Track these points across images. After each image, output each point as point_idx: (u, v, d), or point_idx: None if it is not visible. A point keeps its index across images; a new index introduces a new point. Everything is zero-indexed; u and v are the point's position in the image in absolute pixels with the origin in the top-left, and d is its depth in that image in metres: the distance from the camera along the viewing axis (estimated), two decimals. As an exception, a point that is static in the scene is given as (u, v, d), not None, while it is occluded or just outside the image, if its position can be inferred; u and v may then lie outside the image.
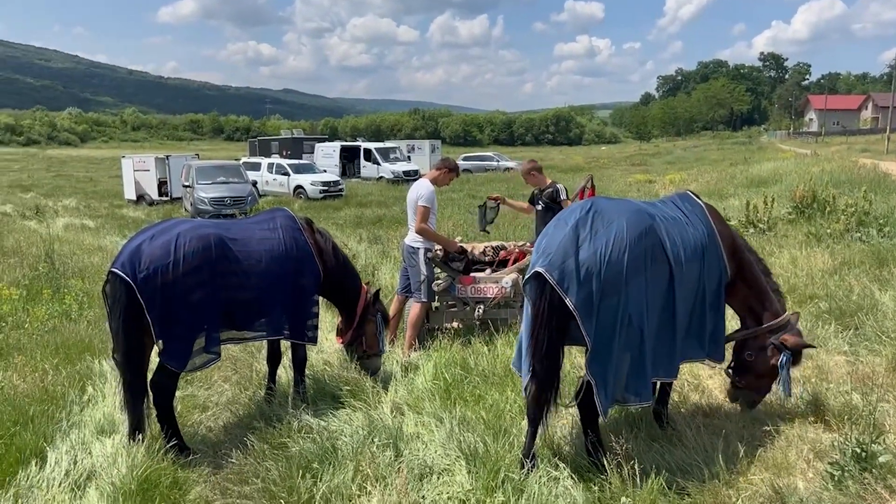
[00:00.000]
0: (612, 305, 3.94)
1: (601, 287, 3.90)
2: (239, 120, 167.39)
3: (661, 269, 4.17)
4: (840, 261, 9.79)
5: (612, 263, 3.92)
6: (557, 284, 3.89)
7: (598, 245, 3.96)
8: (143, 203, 27.27)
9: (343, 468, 4.16)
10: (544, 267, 3.95)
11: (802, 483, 4.02)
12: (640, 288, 4.02)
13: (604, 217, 4.11)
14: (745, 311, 4.94)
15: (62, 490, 4.14)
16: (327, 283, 5.61)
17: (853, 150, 50.98)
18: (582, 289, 3.88)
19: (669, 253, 4.21)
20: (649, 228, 4.16)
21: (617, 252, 3.94)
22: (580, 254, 3.94)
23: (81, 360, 6.45)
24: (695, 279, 4.39)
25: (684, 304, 4.35)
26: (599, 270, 3.90)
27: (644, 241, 4.08)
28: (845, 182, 18.97)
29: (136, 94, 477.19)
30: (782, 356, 4.75)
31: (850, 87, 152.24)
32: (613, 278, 3.91)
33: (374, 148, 39.48)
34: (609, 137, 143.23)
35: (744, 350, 4.93)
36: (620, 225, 4.05)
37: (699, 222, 4.57)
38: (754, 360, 4.85)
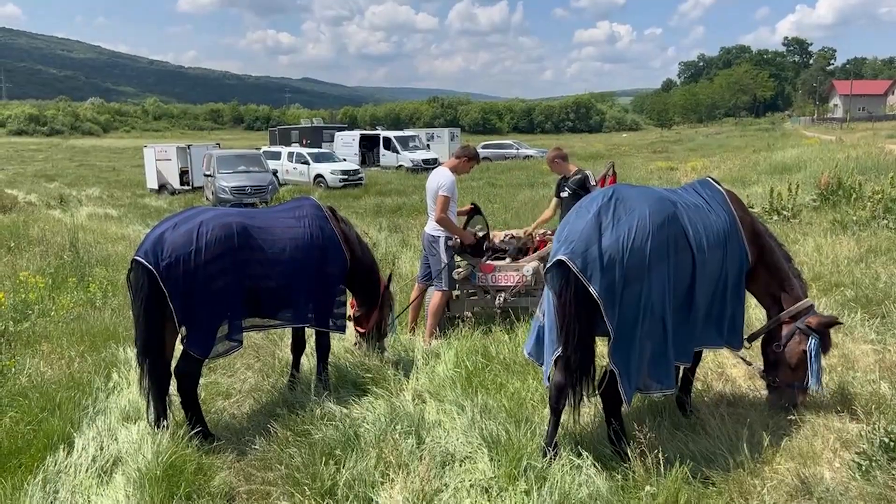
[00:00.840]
0: (636, 293, 3.90)
1: (624, 274, 3.86)
2: (259, 109, 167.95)
3: (684, 256, 4.12)
4: (866, 248, 9.64)
5: (635, 251, 3.88)
6: (581, 272, 3.86)
7: (621, 232, 3.92)
8: (164, 192, 27.49)
9: (366, 455, 4.18)
10: (567, 255, 3.92)
11: (829, 473, 3.98)
12: (662, 275, 3.98)
13: (626, 204, 4.07)
14: (769, 299, 4.86)
15: (89, 475, 4.20)
16: (352, 272, 5.63)
17: (879, 136, 50.05)
18: (605, 277, 3.85)
19: (692, 240, 4.17)
20: (672, 216, 4.12)
21: (640, 239, 3.91)
22: (603, 241, 3.90)
23: (106, 348, 6.53)
24: (717, 266, 4.35)
25: (705, 291, 4.31)
26: (622, 258, 3.86)
27: (667, 228, 4.04)
28: (871, 168, 18.65)
29: (156, 83, 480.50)
30: (810, 341, 4.63)
31: (877, 73, 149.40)
32: (636, 266, 3.88)
33: (394, 136, 39.45)
34: (630, 124, 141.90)
35: (771, 342, 4.82)
36: (643, 212, 4.01)
37: (720, 209, 4.53)
38: (783, 350, 4.73)
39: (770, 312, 4.91)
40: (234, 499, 4.12)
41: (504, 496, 3.83)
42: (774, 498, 3.75)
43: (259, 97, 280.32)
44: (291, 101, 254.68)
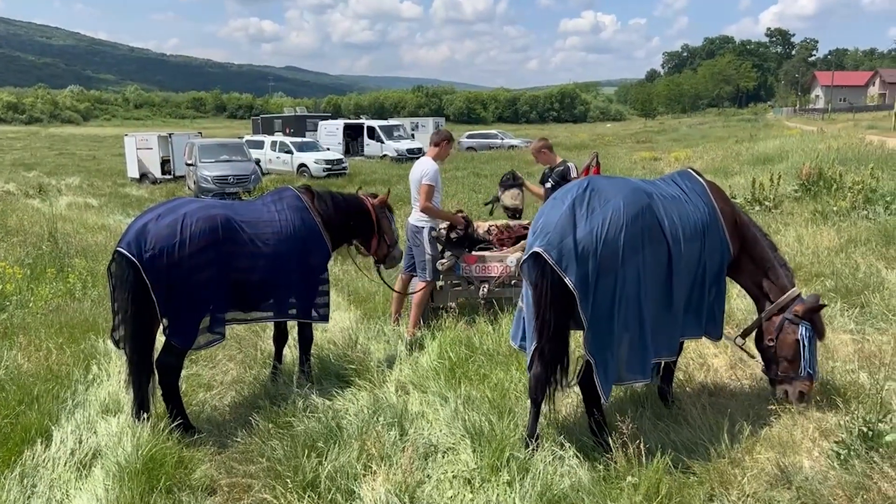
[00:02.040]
0: (609, 284, 3.91)
1: (598, 266, 3.87)
2: (242, 98, 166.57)
3: (659, 247, 4.13)
4: (846, 238, 9.73)
5: (609, 242, 3.89)
6: (556, 264, 3.87)
7: (595, 224, 3.92)
8: (146, 181, 27.24)
9: (348, 447, 4.17)
10: (542, 246, 3.93)
11: (808, 462, 4.01)
12: (637, 267, 3.98)
13: (601, 195, 4.06)
14: (757, 290, 4.84)
15: (67, 469, 4.16)
16: (340, 239, 5.72)
17: (860, 127, 50.55)
18: (580, 268, 3.86)
19: (667, 231, 4.16)
20: (647, 207, 4.12)
21: (613, 231, 3.91)
22: (577, 232, 3.91)
23: (86, 340, 6.46)
24: (695, 258, 4.34)
25: (683, 283, 4.31)
26: (596, 249, 3.87)
27: (641, 219, 4.03)
28: (852, 159, 18.80)
29: (137, 71, 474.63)
30: (801, 329, 4.58)
31: (858, 64, 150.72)
32: (610, 257, 3.89)
33: (378, 126, 39.24)
34: (614, 115, 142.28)
35: (763, 336, 4.78)
36: (617, 204, 4.00)
37: (700, 200, 4.51)
38: (777, 343, 4.66)
39: (759, 304, 4.89)
40: (215, 492, 4.09)
41: (487, 487, 3.84)
42: (754, 487, 3.78)
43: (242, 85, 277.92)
44: (275, 89, 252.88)
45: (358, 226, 5.88)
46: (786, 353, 4.64)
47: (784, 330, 4.65)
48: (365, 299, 7.97)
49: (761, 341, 4.80)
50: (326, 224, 5.47)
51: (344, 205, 5.75)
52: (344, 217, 5.70)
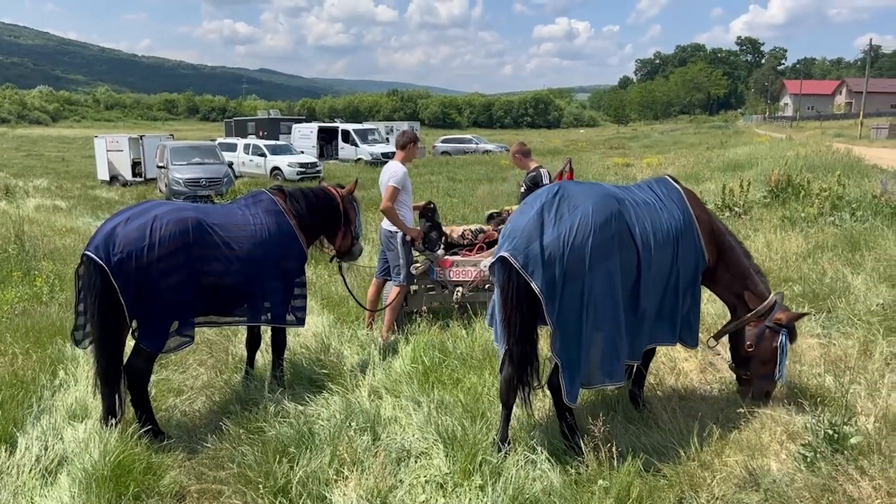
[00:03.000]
0: (576, 290, 3.93)
1: (564, 271, 3.90)
2: (214, 100, 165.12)
3: (629, 253, 4.15)
4: (814, 244, 9.90)
5: (576, 248, 3.91)
6: (522, 268, 3.90)
7: (563, 229, 3.95)
8: (116, 184, 26.88)
9: (320, 453, 4.13)
10: (509, 251, 3.96)
11: (775, 464, 4.07)
12: (606, 272, 4.00)
13: (570, 201, 4.09)
14: (733, 298, 4.90)
15: (32, 476, 4.07)
16: (314, 237, 5.72)
17: (827, 135, 51.55)
18: (546, 272, 3.88)
19: (637, 238, 4.19)
20: (616, 213, 4.14)
21: (581, 237, 3.93)
22: (544, 238, 3.93)
23: (52, 344, 6.34)
24: (667, 264, 4.36)
25: (654, 289, 4.33)
26: (563, 255, 3.89)
27: (610, 226, 4.05)
28: (819, 166, 19.16)
29: (108, 72, 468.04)
30: (781, 336, 4.72)
31: (825, 73, 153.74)
32: (577, 263, 3.91)
33: (353, 129, 39.12)
34: (587, 121, 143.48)
35: (741, 342, 4.86)
36: (586, 210, 4.03)
37: (675, 207, 4.54)
38: (755, 348, 4.78)
39: (735, 312, 4.94)
40: (184, 498, 4.03)
41: (459, 492, 3.83)
42: (723, 490, 3.82)
43: (215, 88, 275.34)
44: (248, 91, 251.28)
45: (328, 219, 5.85)
46: (763, 358, 4.75)
47: (764, 337, 4.75)
48: (338, 303, 7.93)
49: (739, 346, 4.87)
50: (301, 225, 5.44)
51: (315, 201, 5.72)
52: (317, 214, 5.68)
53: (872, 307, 6.92)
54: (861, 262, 8.70)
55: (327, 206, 5.82)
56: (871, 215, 11.48)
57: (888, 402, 4.71)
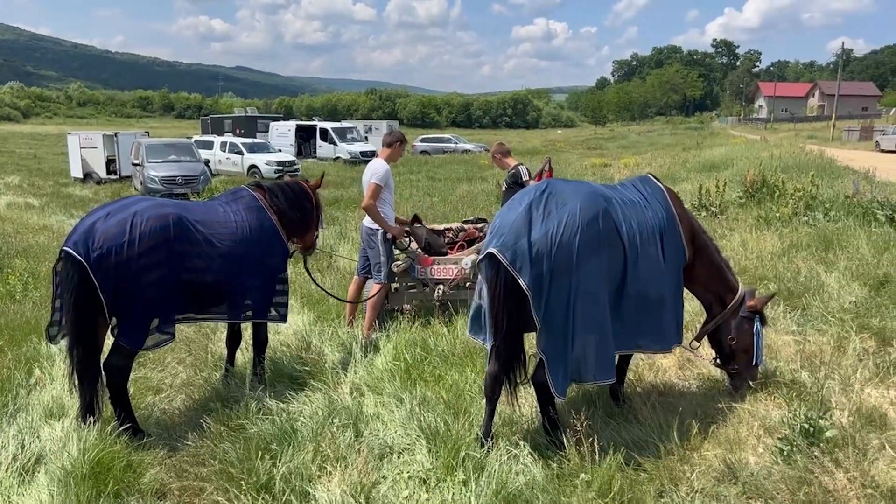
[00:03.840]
0: (563, 286, 3.96)
1: (551, 268, 3.93)
2: (190, 97, 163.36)
3: (616, 251, 4.20)
4: (788, 243, 10.06)
5: (563, 245, 3.94)
6: (510, 265, 3.92)
7: (550, 226, 3.98)
8: (90, 181, 26.50)
9: (303, 449, 4.12)
10: (497, 248, 3.98)
11: (753, 458, 4.14)
12: (593, 269, 4.03)
13: (558, 199, 4.12)
14: (710, 295, 5.01)
15: (9, 475, 4.01)
16: (294, 230, 5.67)
17: (800, 137, 52.33)
18: (533, 269, 3.91)
19: (624, 236, 4.23)
20: (604, 211, 4.18)
21: (568, 234, 3.97)
22: (532, 234, 3.97)
23: (27, 342, 6.25)
24: (652, 262, 4.40)
25: (640, 286, 4.36)
26: (550, 251, 3.93)
27: (597, 223, 4.09)
28: (793, 167, 19.48)
29: (81, 68, 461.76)
30: (756, 322, 4.94)
31: (799, 75, 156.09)
32: (564, 259, 3.94)
33: (331, 128, 38.95)
34: (565, 121, 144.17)
35: (723, 337, 5.00)
36: (574, 207, 4.06)
37: (659, 206, 4.60)
38: (738, 340, 4.95)
39: (711, 309, 5.06)
40: (165, 496, 4.00)
41: (442, 487, 3.85)
42: (703, 483, 3.88)
43: (190, 85, 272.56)
44: (224, 89, 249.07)
45: (306, 213, 5.83)
46: (745, 347, 4.95)
47: (742, 327, 4.94)
48: (318, 301, 7.90)
49: (723, 342, 5.01)
50: (282, 220, 5.43)
51: (292, 195, 5.70)
52: (296, 209, 5.67)
53: (845, 304, 7.06)
54: (834, 261, 8.86)
55: (305, 200, 5.81)
56: (843, 215, 11.69)
57: (861, 397, 4.81)
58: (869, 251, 9.05)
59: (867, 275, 8.09)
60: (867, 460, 3.91)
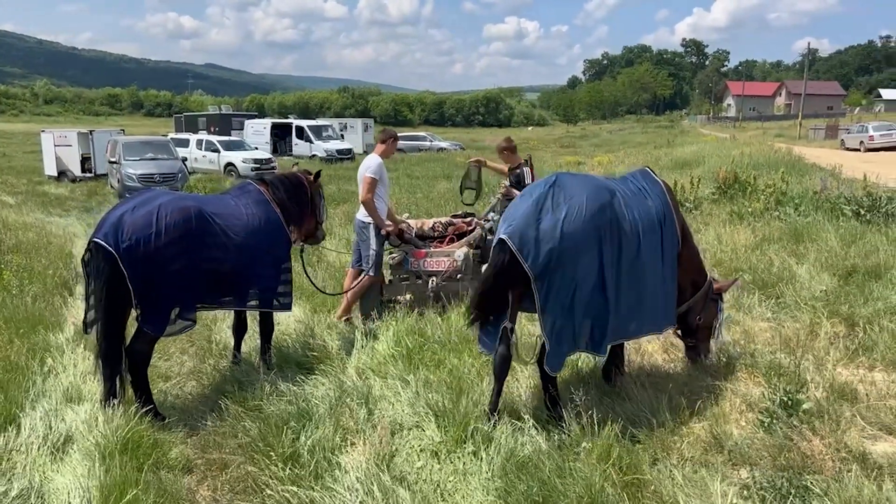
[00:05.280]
0: (568, 273, 4.26)
1: (558, 255, 4.22)
2: (160, 95, 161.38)
3: (620, 241, 4.49)
4: (761, 237, 10.49)
5: (569, 234, 4.23)
6: (518, 251, 4.22)
7: (558, 217, 4.27)
8: (64, 179, 26.25)
9: (322, 424, 4.38)
10: (507, 234, 4.29)
11: (736, 430, 4.47)
12: (597, 258, 4.34)
13: (566, 191, 4.42)
14: (687, 280, 5.36)
15: (41, 453, 4.22)
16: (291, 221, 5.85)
17: (769, 135, 53.46)
18: (539, 256, 4.21)
19: (628, 226, 4.54)
20: (608, 203, 4.47)
21: (575, 224, 4.26)
22: (540, 224, 4.27)
23: (35, 334, 6.40)
24: (654, 250, 4.74)
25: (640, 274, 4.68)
26: (557, 240, 4.22)
27: (604, 215, 4.39)
28: (763, 165, 20.06)
29: (46, 65, 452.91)
30: (719, 303, 5.52)
31: (766, 75, 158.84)
32: (569, 248, 4.23)
33: (307, 125, 38.97)
34: (537, 120, 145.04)
35: (693, 316, 5.42)
36: (580, 199, 4.36)
37: (657, 198, 4.95)
38: (703, 318, 5.43)
39: (683, 292, 5.37)
40: (191, 471, 4.23)
41: (453, 458, 4.12)
42: (692, 452, 4.21)
43: (159, 82, 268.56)
44: (194, 87, 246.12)
45: (302, 204, 6.06)
46: (707, 324, 5.48)
47: (708, 308, 5.46)
48: (314, 293, 8.10)
49: (690, 320, 5.46)
50: (284, 211, 5.66)
51: (291, 186, 5.94)
52: (294, 200, 5.90)
53: (816, 293, 7.47)
54: (805, 253, 9.30)
55: (301, 192, 6.05)
56: (812, 210, 12.19)
57: (833, 375, 5.19)
58: (837, 243, 9.51)
59: (836, 265, 8.52)
60: (840, 429, 4.28)
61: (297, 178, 6.10)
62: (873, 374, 5.40)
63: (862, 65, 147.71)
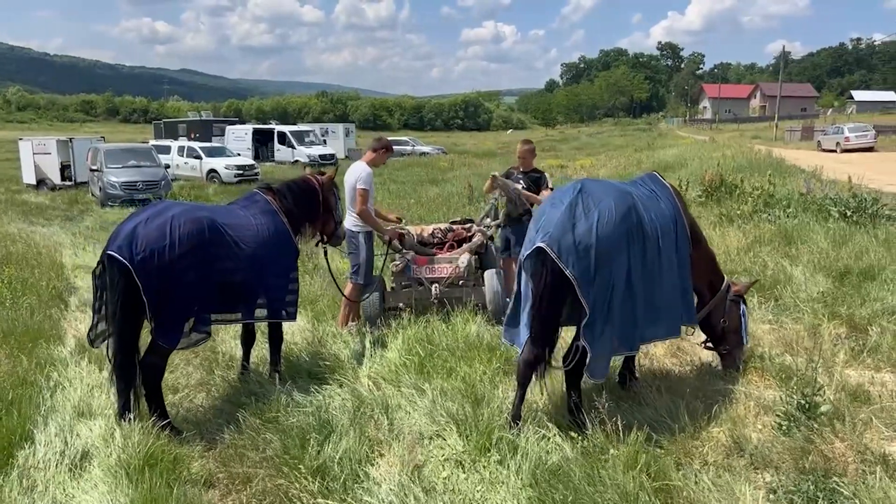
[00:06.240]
0: (606, 276, 4.33)
1: (596, 259, 4.27)
2: (135, 101, 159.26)
3: (643, 242, 4.58)
4: (752, 239, 10.62)
5: (604, 238, 4.30)
6: (558, 258, 4.24)
7: (592, 221, 4.33)
8: (44, 188, 25.86)
9: (346, 435, 4.34)
10: (545, 242, 4.30)
11: (755, 434, 4.51)
12: (626, 260, 4.42)
13: (594, 196, 4.49)
14: (702, 283, 5.46)
15: (60, 470, 4.15)
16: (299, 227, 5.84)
17: (745, 137, 54.17)
18: (580, 261, 4.25)
19: (647, 228, 4.64)
20: (632, 206, 4.58)
21: (609, 228, 4.33)
22: (576, 230, 4.31)
23: (37, 347, 6.30)
24: (670, 251, 4.84)
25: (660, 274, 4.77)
26: (594, 244, 4.27)
27: (629, 218, 4.49)
28: (746, 167, 20.33)
29: (18, 71, 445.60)
30: (742, 305, 5.56)
31: (740, 77, 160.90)
32: (606, 251, 4.30)
33: (289, 131, 38.84)
34: (516, 123, 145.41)
35: (715, 320, 5.48)
36: (609, 204, 4.44)
37: (668, 200, 5.07)
38: (729, 322, 5.48)
39: (702, 295, 5.50)
40: (214, 486, 4.18)
41: (478, 467, 4.12)
42: (714, 457, 4.25)
43: (135, 88, 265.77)
44: (170, 92, 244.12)
45: (310, 209, 6.01)
46: (734, 328, 5.49)
47: (731, 310, 5.49)
48: (312, 301, 8.06)
49: (715, 325, 5.49)
50: (290, 220, 5.63)
51: (299, 192, 5.90)
52: (302, 206, 5.87)
53: (814, 295, 7.58)
54: (797, 255, 9.44)
55: (310, 196, 6.00)
56: (800, 212, 12.37)
57: (843, 377, 5.26)
58: (828, 245, 9.66)
59: (829, 267, 8.66)
60: (856, 432, 4.33)
61: (306, 182, 6.06)
62: (881, 375, 5.48)
63: (834, 66, 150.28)
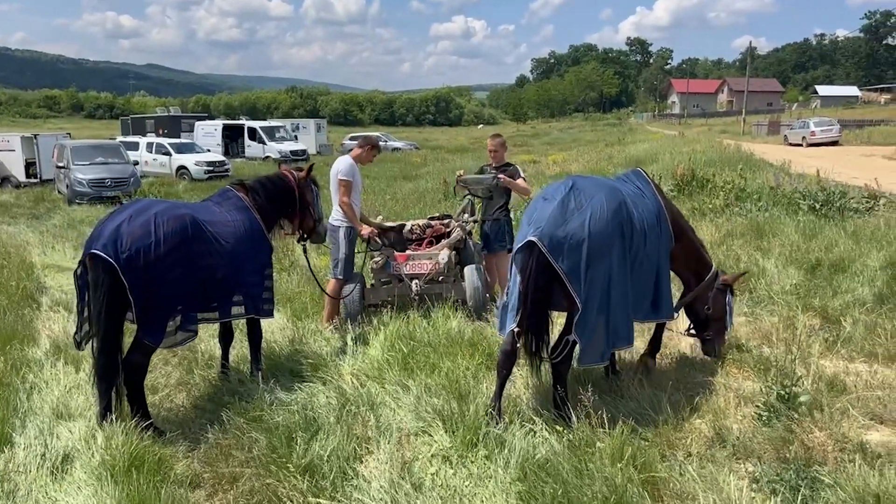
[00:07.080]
0: (602, 270, 4.38)
1: (588, 254, 4.31)
2: (100, 97, 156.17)
3: (632, 237, 4.65)
4: (724, 233, 10.78)
5: (597, 233, 4.35)
6: (549, 252, 4.28)
7: (584, 217, 4.38)
8: (8, 185, 25.24)
9: (332, 433, 4.32)
10: (536, 236, 4.34)
11: (735, 425, 4.58)
12: (619, 254, 4.49)
13: (585, 193, 4.54)
14: (688, 273, 5.62)
15: (41, 473, 4.07)
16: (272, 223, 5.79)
17: (714, 132, 54.88)
18: (571, 256, 4.30)
19: (636, 223, 4.71)
20: (622, 203, 4.65)
21: (600, 223, 4.38)
22: (568, 225, 4.35)
23: (11, 349, 6.17)
24: (654, 245, 4.93)
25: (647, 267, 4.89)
26: (585, 240, 4.32)
27: (621, 213, 4.56)
28: (716, 161, 20.60)
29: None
30: (728, 295, 5.68)
31: (707, 72, 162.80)
32: (598, 246, 4.35)
33: (260, 127, 38.44)
34: (487, 118, 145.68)
35: (700, 307, 5.63)
36: (600, 200, 4.49)
37: (651, 196, 5.15)
38: (713, 310, 5.62)
39: (689, 284, 5.67)
40: (199, 485, 4.13)
41: (465, 462, 4.12)
42: (697, 448, 4.31)
43: (99, 83, 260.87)
44: (136, 87, 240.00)
45: (284, 204, 5.94)
46: (718, 316, 5.63)
47: (717, 298, 5.62)
48: (290, 299, 8.01)
49: (699, 312, 5.66)
50: (263, 217, 5.56)
51: (272, 188, 5.82)
52: (274, 202, 5.80)
53: (787, 287, 7.72)
54: (769, 248, 9.60)
55: (283, 192, 5.92)
56: (771, 205, 12.58)
57: (819, 368, 5.37)
58: (798, 238, 9.84)
59: (800, 259, 8.83)
60: (835, 421, 4.43)
61: (280, 179, 5.97)
62: (855, 365, 5.60)
63: (798, 62, 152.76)
